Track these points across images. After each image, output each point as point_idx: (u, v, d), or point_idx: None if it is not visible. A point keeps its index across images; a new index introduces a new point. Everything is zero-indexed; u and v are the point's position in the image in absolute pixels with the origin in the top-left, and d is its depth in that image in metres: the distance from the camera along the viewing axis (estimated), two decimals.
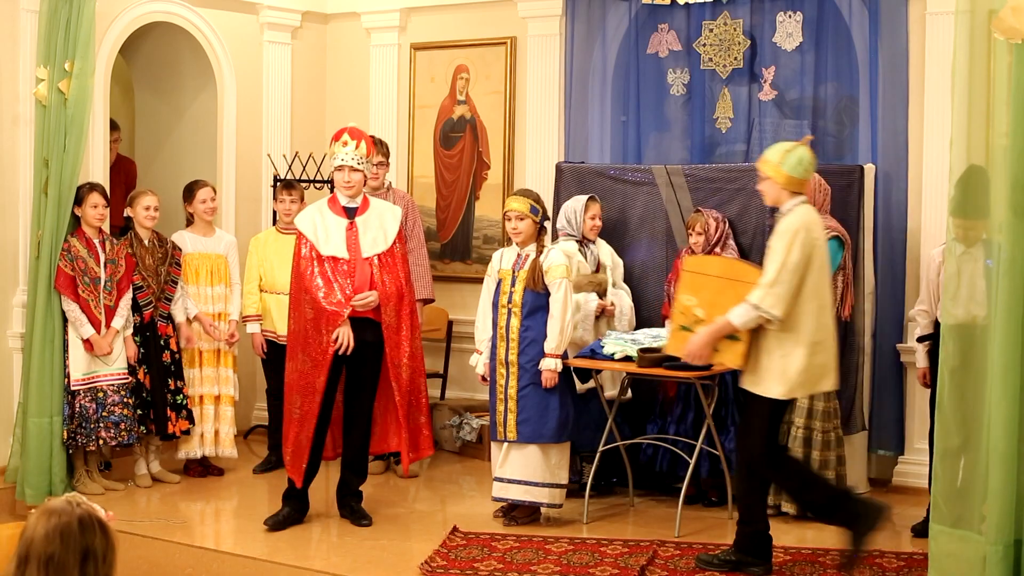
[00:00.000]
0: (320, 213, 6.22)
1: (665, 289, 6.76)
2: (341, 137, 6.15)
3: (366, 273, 6.10)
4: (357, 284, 6.08)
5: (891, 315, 6.91)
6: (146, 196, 7.09)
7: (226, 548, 6.00)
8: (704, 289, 5.57)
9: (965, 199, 4.53)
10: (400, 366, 6.13)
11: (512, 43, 8.08)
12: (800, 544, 5.88)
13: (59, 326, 6.73)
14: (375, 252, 6.14)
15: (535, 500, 6.18)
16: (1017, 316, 4.20)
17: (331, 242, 6.13)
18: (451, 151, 8.24)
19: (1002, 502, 4.22)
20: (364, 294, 6.05)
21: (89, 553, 2.84)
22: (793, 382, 5.26)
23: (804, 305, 5.22)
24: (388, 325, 6.10)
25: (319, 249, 6.11)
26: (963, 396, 4.41)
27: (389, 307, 6.10)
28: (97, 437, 6.77)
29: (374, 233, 6.17)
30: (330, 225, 6.16)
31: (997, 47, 4.24)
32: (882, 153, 6.97)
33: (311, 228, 6.16)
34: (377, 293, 6.08)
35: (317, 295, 6.04)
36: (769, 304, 5.18)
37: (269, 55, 8.43)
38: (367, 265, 6.12)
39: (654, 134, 7.66)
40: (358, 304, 6.03)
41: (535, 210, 6.19)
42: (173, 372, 7.11)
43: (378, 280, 6.10)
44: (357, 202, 6.21)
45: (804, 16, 7.16)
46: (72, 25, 6.71)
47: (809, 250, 5.22)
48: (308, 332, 6.07)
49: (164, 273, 7.11)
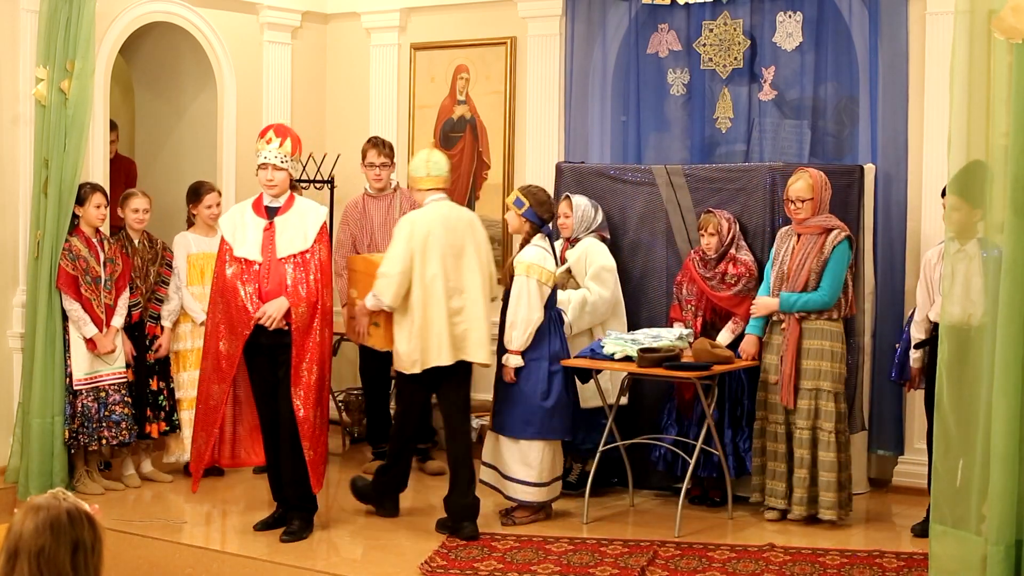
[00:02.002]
0: (241, 213, 6.05)
1: (674, 291, 6.71)
2: (266, 134, 6.01)
3: (280, 275, 5.86)
4: (269, 287, 5.85)
5: (891, 315, 6.91)
6: (135, 198, 7.08)
7: (226, 548, 6.00)
8: (359, 284, 6.43)
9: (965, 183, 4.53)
10: (300, 373, 5.83)
11: (512, 43, 8.08)
12: (800, 544, 5.88)
13: (60, 326, 6.73)
14: (290, 253, 5.90)
15: (502, 490, 6.24)
16: (1017, 316, 4.20)
17: (246, 243, 5.93)
18: (451, 151, 8.23)
19: (1002, 502, 4.22)
20: (264, 309, 5.81)
21: (79, 545, 2.85)
22: (404, 360, 6.05)
23: (413, 292, 5.99)
24: (296, 329, 5.83)
25: (233, 250, 5.92)
26: (959, 395, 4.41)
27: (299, 311, 5.83)
28: (99, 436, 6.77)
29: (292, 233, 5.93)
30: (248, 225, 5.97)
31: (997, 47, 4.24)
32: (882, 153, 6.97)
33: (230, 228, 5.99)
34: (278, 308, 5.81)
35: (229, 298, 5.86)
36: (380, 291, 6.03)
37: (269, 55, 8.43)
38: (280, 266, 5.87)
39: (654, 134, 7.66)
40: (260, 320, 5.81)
41: (519, 202, 6.22)
42: (157, 372, 7.11)
43: (291, 283, 5.84)
44: (280, 202, 6.00)
45: (804, 16, 7.16)
46: (72, 25, 6.72)
47: (414, 243, 5.99)
48: (217, 335, 5.92)
49: (154, 274, 7.11)
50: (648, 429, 6.71)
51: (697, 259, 6.60)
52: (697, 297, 6.59)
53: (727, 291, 6.48)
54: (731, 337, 6.50)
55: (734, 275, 6.46)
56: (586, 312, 6.65)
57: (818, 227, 6.21)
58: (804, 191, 6.19)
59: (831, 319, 6.20)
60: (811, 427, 6.18)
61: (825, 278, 6.16)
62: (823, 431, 6.17)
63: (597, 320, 6.72)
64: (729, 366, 6.26)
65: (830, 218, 6.24)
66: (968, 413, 4.39)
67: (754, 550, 5.77)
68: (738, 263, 6.48)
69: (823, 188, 6.22)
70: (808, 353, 6.19)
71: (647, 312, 6.94)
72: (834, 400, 6.18)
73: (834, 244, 6.16)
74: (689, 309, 6.62)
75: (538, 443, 6.17)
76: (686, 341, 6.39)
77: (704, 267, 6.56)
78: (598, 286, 6.66)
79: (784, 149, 7.21)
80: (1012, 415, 4.20)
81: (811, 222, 6.21)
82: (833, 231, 6.20)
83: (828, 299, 6.17)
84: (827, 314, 6.19)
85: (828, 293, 6.16)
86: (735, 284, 6.46)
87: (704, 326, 6.57)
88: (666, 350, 6.25)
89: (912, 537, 6.04)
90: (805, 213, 6.20)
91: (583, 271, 6.69)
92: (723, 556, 5.71)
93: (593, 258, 6.71)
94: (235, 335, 5.86)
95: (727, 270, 6.49)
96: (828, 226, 6.21)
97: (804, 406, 6.17)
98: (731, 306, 6.50)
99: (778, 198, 6.52)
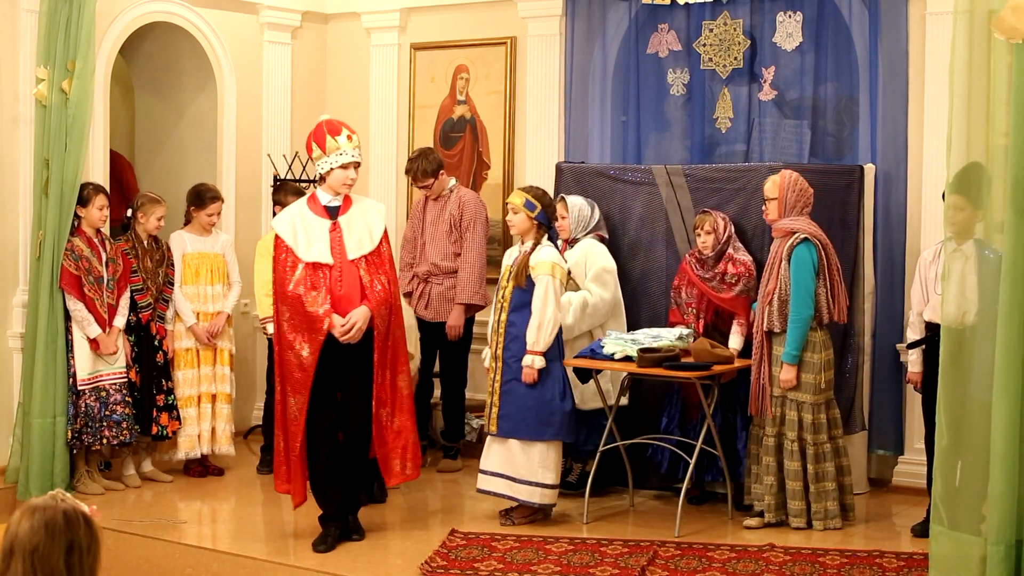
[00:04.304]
0: (301, 215, 5.77)
1: (672, 296, 6.67)
2: (342, 131, 5.71)
3: (353, 277, 5.68)
4: (344, 291, 5.66)
5: (891, 315, 6.91)
6: (159, 207, 7.09)
7: (226, 548, 6.00)
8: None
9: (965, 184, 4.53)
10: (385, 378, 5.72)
11: (512, 43, 8.07)
12: (800, 544, 5.88)
13: (62, 326, 6.73)
14: (361, 254, 5.71)
15: (515, 496, 6.16)
16: (1017, 316, 4.20)
17: (313, 246, 5.67)
18: (451, 151, 8.23)
19: (1002, 502, 4.22)
20: (350, 319, 5.61)
21: (74, 545, 2.86)
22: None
23: None
24: (379, 333, 5.67)
25: (299, 255, 5.66)
26: (954, 395, 4.42)
27: (380, 314, 5.67)
28: (101, 436, 6.78)
29: (359, 233, 5.72)
30: (312, 227, 5.71)
31: (997, 47, 4.24)
32: (882, 153, 6.97)
33: (290, 232, 5.71)
34: (364, 317, 5.63)
35: (300, 303, 5.62)
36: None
37: (269, 55, 8.43)
38: (354, 268, 5.70)
39: (654, 134, 7.66)
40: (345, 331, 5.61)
41: (530, 205, 6.18)
42: (166, 372, 7.12)
43: (367, 285, 5.67)
44: (339, 200, 5.77)
45: (804, 16, 7.16)
46: (72, 25, 6.72)
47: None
48: (288, 345, 5.67)
49: (162, 275, 7.13)
50: (648, 429, 6.71)
51: (694, 261, 6.54)
52: (697, 300, 6.55)
53: (728, 292, 6.44)
54: (741, 340, 6.40)
55: (734, 275, 6.42)
56: (587, 314, 6.64)
57: (783, 230, 6.07)
58: (770, 190, 6.11)
59: (811, 328, 6.02)
60: (797, 437, 6.04)
61: (791, 293, 5.98)
62: (807, 443, 6.03)
63: (597, 322, 6.71)
64: (729, 366, 6.25)
65: (797, 220, 6.06)
66: (966, 413, 4.40)
67: (754, 550, 5.77)
68: (736, 263, 6.43)
69: (790, 188, 6.05)
70: (777, 360, 6.05)
71: (647, 312, 6.93)
72: (812, 411, 6.02)
73: (791, 249, 5.99)
74: (690, 313, 6.57)
75: (555, 444, 6.17)
76: (686, 341, 6.39)
77: (702, 268, 6.51)
78: (599, 288, 6.66)
79: (784, 149, 7.21)
80: (1012, 415, 4.20)
81: (778, 224, 6.09)
82: (795, 234, 6.02)
83: (801, 313, 5.96)
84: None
85: (797, 309, 5.96)
86: (736, 284, 6.42)
87: (706, 329, 6.53)
88: (666, 350, 6.24)
89: (912, 537, 6.04)
90: (772, 214, 6.11)
91: (583, 272, 6.68)
92: (723, 556, 5.71)
93: (593, 259, 6.70)
94: (310, 342, 5.61)
95: (726, 270, 6.43)
96: (792, 228, 6.03)
97: (790, 416, 6.04)
98: (734, 307, 6.45)
99: None
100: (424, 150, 7.51)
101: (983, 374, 4.31)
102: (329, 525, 5.88)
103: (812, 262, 6.00)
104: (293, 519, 6.30)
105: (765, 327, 6.09)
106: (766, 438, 6.14)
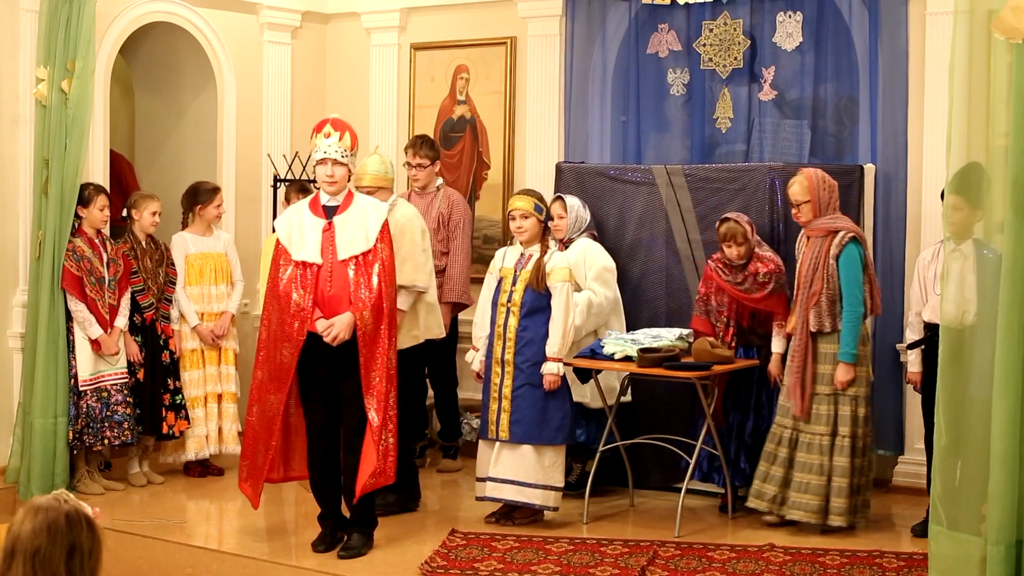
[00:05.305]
0: (298, 214, 5.76)
1: (697, 305, 6.51)
2: (323, 128, 5.70)
3: (342, 278, 5.60)
4: (332, 292, 5.58)
5: (891, 315, 6.90)
6: (152, 202, 7.10)
7: (226, 548, 6.00)
8: None
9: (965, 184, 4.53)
10: (372, 382, 5.58)
11: (512, 43, 8.07)
12: (800, 544, 5.88)
13: (63, 326, 6.73)
14: (352, 254, 5.62)
15: (528, 501, 6.13)
16: (1017, 317, 4.20)
17: (304, 246, 5.64)
18: (451, 151, 8.23)
19: (1002, 502, 4.22)
20: (330, 327, 5.54)
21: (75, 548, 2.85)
22: None
23: None
24: (363, 336, 5.56)
25: (291, 253, 5.65)
26: (954, 395, 4.42)
27: (364, 319, 5.55)
28: (103, 437, 6.78)
29: (353, 233, 5.64)
30: (306, 226, 5.68)
31: (997, 47, 4.24)
32: (882, 153, 6.97)
33: (286, 231, 5.72)
34: (346, 325, 5.53)
35: (287, 301, 5.59)
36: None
37: (269, 55, 8.43)
38: (344, 269, 5.61)
39: (654, 134, 7.66)
40: (326, 338, 5.54)
41: (539, 208, 6.19)
42: (172, 372, 7.12)
43: (352, 287, 5.58)
44: (339, 200, 5.70)
45: (804, 16, 7.16)
46: (72, 25, 6.72)
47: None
48: (273, 342, 5.65)
49: (163, 275, 7.13)
50: (647, 429, 6.71)
51: (720, 267, 6.41)
52: (728, 306, 6.43)
53: (762, 291, 6.31)
54: (784, 343, 6.30)
55: (766, 273, 6.27)
56: (592, 314, 6.64)
57: (823, 229, 6.06)
58: (799, 193, 6.11)
59: None
60: (851, 434, 5.99)
61: (843, 292, 6.00)
62: (858, 436, 6.00)
63: (601, 321, 6.71)
64: (730, 366, 6.24)
65: (836, 218, 6.09)
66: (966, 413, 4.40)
67: (754, 550, 5.77)
68: (765, 260, 6.30)
69: (820, 187, 6.08)
70: (824, 358, 6.04)
71: (647, 312, 6.93)
72: (865, 404, 6.03)
73: (840, 248, 6.01)
74: (722, 320, 6.44)
75: (563, 447, 6.19)
76: (686, 341, 6.38)
77: (731, 273, 6.36)
78: (601, 287, 6.66)
79: (784, 149, 7.21)
80: (1012, 415, 4.20)
81: (816, 224, 6.09)
82: (840, 232, 6.05)
83: (856, 311, 5.99)
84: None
85: (852, 308, 5.97)
86: (769, 283, 6.28)
87: (741, 332, 6.45)
88: (666, 350, 6.25)
89: (912, 537, 6.04)
90: (806, 216, 6.11)
91: (583, 272, 6.67)
92: (723, 556, 5.71)
93: (593, 259, 6.70)
94: (290, 342, 5.59)
95: (757, 270, 6.29)
96: (834, 227, 6.05)
97: (844, 412, 6.00)
98: (770, 307, 6.34)
99: (778, 198, 6.51)
100: (428, 136, 7.57)
101: (982, 374, 4.31)
102: (327, 524, 5.88)
103: (861, 260, 6.05)
104: (293, 519, 6.30)
105: (814, 328, 6.01)
106: (810, 437, 6.02)
